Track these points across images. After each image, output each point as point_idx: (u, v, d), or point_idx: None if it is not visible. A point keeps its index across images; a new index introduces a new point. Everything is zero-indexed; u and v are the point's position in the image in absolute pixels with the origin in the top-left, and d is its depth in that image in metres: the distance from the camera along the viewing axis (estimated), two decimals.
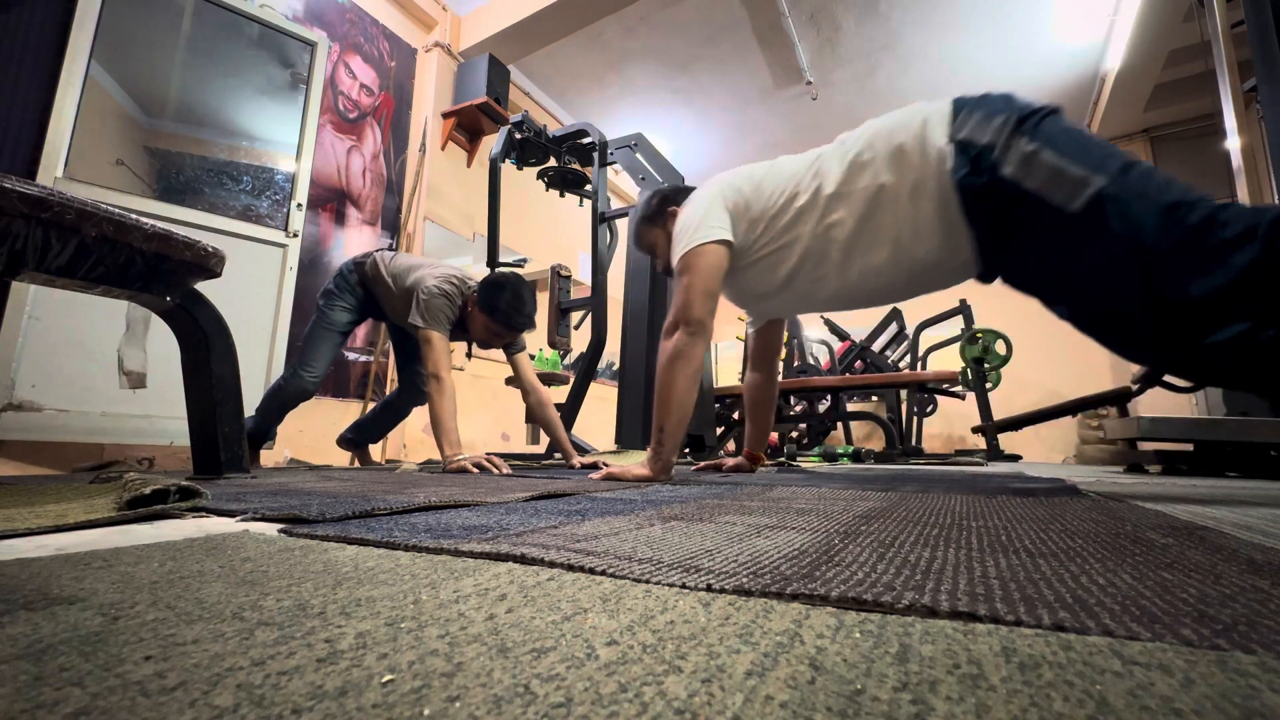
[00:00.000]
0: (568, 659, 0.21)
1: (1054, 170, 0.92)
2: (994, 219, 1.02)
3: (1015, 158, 0.96)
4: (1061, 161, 0.92)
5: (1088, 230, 0.89)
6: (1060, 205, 0.91)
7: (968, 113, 1.06)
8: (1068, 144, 0.94)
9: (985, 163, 0.99)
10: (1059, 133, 0.96)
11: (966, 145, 1.03)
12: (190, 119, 2.49)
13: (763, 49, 4.28)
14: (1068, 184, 0.90)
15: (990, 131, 1.00)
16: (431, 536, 0.47)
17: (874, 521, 0.59)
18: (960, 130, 1.04)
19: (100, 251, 0.96)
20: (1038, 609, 0.28)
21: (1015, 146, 0.97)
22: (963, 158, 1.02)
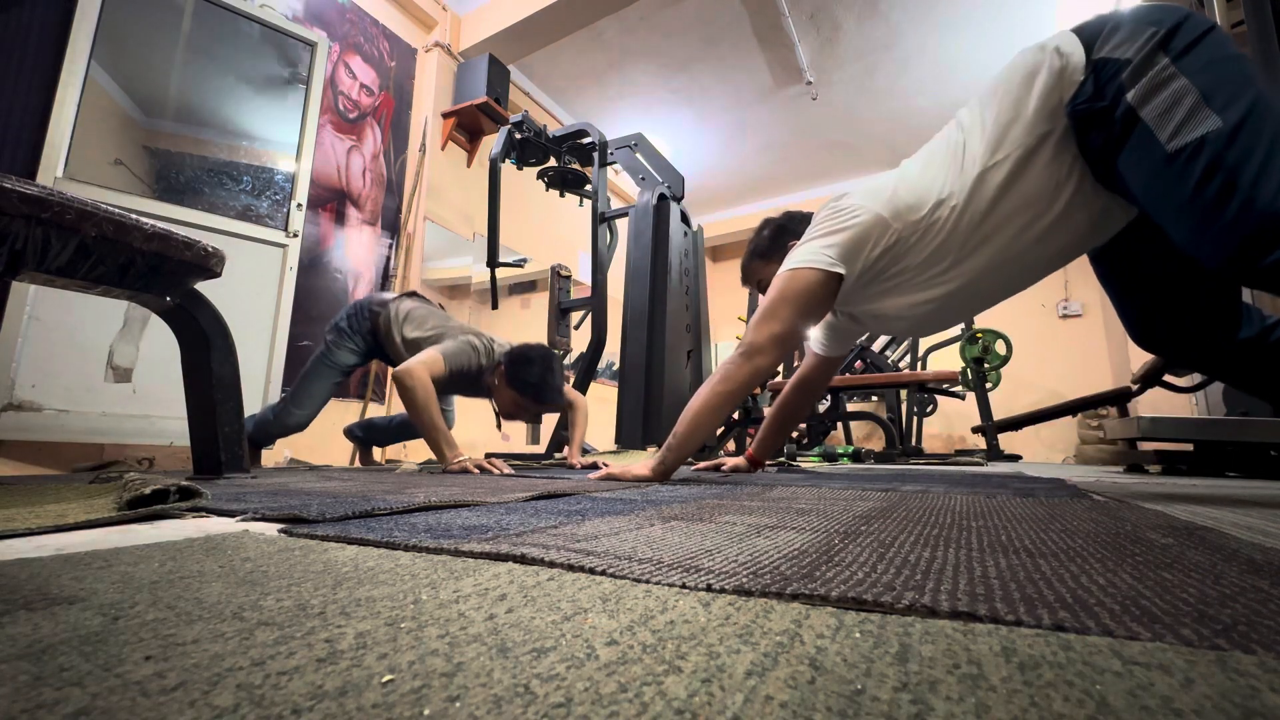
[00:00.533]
0: (568, 659, 0.21)
1: (1174, 100, 0.78)
2: (1099, 155, 0.88)
3: (1146, 79, 0.81)
4: (1189, 91, 0.78)
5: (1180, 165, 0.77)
6: (1163, 142, 0.78)
7: (1111, 29, 0.88)
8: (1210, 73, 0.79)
9: (1112, 84, 0.84)
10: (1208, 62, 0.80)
11: (1103, 65, 0.86)
12: (190, 119, 2.49)
13: (763, 49, 4.28)
14: (1180, 117, 0.78)
15: (1134, 46, 0.83)
16: (431, 536, 0.47)
17: (874, 521, 0.59)
18: (1102, 48, 0.87)
19: (100, 251, 0.96)
20: (1038, 609, 0.28)
21: (1152, 65, 0.81)
22: (1090, 81, 0.87)
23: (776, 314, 1.12)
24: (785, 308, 1.12)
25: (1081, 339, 5.43)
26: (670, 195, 2.59)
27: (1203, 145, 0.76)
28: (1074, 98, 0.89)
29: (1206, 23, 0.84)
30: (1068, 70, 0.90)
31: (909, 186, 1.07)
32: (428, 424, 1.55)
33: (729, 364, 1.17)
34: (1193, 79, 0.79)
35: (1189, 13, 0.85)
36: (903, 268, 1.10)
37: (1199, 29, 0.83)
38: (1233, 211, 0.74)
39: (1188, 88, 0.79)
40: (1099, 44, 0.88)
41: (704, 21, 4.02)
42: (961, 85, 4.64)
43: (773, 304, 1.13)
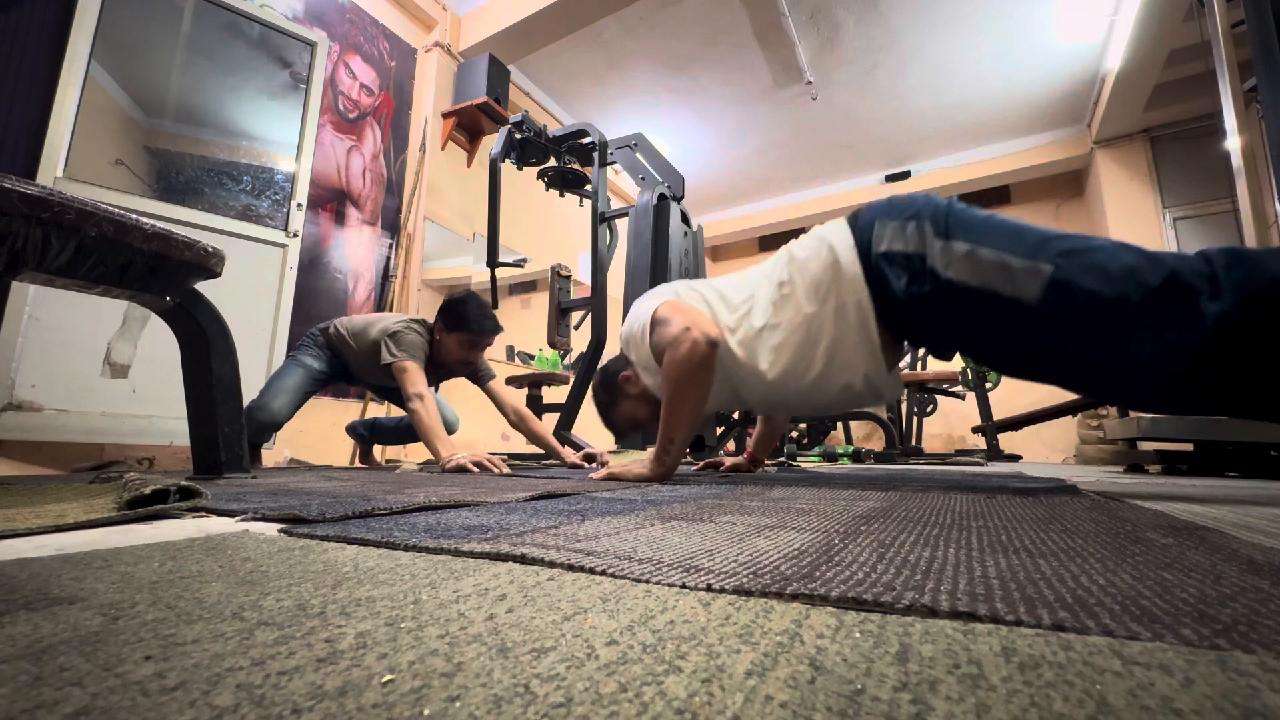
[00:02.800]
0: (568, 659, 0.21)
1: (998, 264, 0.92)
2: (946, 320, 1.02)
3: (953, 259, 0.96)
4: (1002, 254, 0.92)
5: (1052, 315, 0.89)
6: (1016, 298, 0.91)
7: (880, 224, 1.06)
8: (996, 235, 0.95)
9: (923, 270, 0.99)
10: (979, 224, 0.98)
11: (893, 257, 1.04)
12: (190, 119, 2.49)
13: (763, 49, 4.28)
14: (1017, 276, 0.90)
15: (914, 239, 1.01)
16: (431, 536, 0.47)
17: (874, 521, 0.59)
18: (880, 244, 1.05)
19: (100, 251, 0.96)
20: (1038, 609, 0.28)
21: (950, 248, 0.97)
22: (897, 270, 1.03)
23: (695, 312, 1.25)
24: (690, 311, 1.25)
25: None
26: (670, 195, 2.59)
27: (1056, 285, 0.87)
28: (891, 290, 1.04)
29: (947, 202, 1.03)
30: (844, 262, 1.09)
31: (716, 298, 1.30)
32: (433, 429, 1.65)
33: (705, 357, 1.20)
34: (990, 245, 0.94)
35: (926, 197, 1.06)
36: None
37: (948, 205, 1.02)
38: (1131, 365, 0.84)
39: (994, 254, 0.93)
40: (874, 240, 1.06)
41: (704, 21, 4.02)
42: (961, 85, 4.64)
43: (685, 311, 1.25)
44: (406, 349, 1.80)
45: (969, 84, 4.62)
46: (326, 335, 2.04)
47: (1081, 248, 0.88)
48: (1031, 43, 4.16)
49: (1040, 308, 0.88)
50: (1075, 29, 4.01)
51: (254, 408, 1.87)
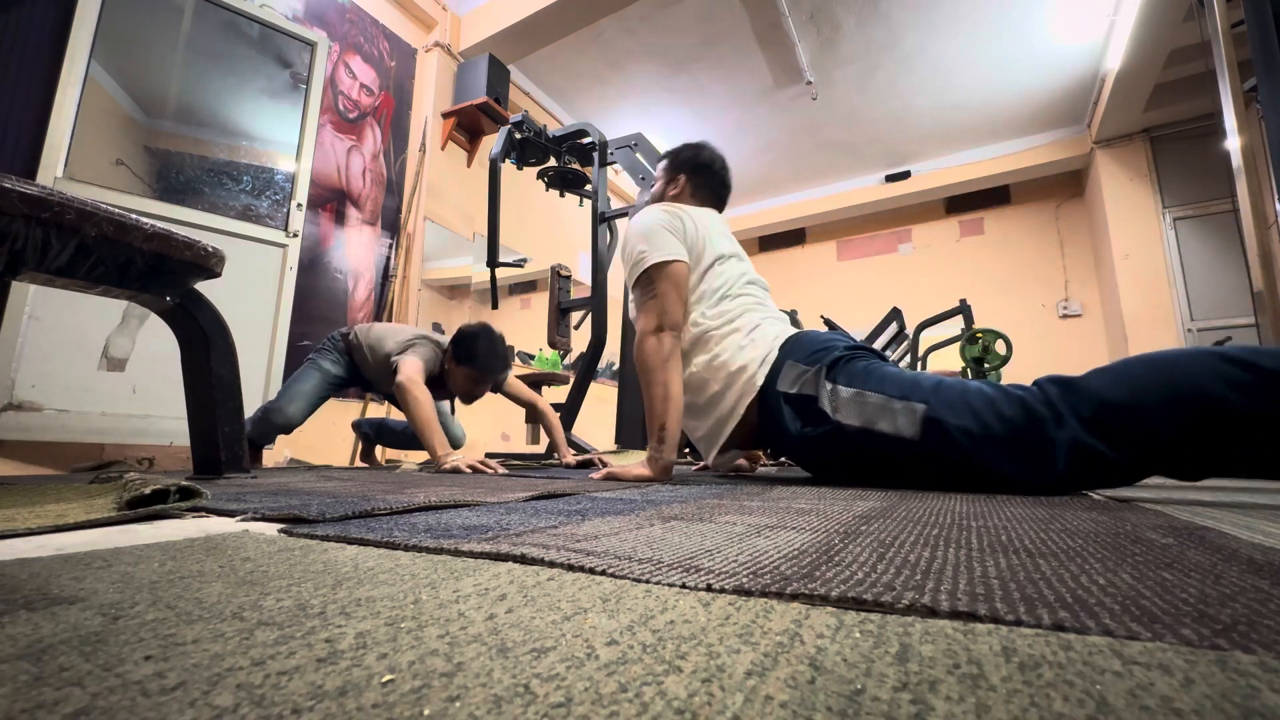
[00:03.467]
0: (568, 659, 0.21)
1: (879, 406, 1.06)
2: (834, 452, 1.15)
3: (841, 404, 1.10)
4: (881, 398, 1.06)
5: (929, 447, 1.01)
6: (897, 434, 1.03)
7: (791, 363, 1.20)
8: (877, 380, 1.09)
9: (816, 412, 1.13)
10: (864, 372, 1.12)
11: (791, 399, 1.17)
12: (190, 119, 2.49)
13: (763, 49, 4.28)
14: (898, 415, 1.04)
15: (809, 384, 1.15)
16: (431, 536, 0.47)
17: (874, 521, 0.59)
18: (782, 382, 1.19)
19: (100, 251, 0.96)
20: (1038, 609, 0.28)
21: (837, 394, 1.11)
22: (791, 410, 1.17)
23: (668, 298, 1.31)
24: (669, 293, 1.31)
25: (1081, 339, 5.44)
26: None
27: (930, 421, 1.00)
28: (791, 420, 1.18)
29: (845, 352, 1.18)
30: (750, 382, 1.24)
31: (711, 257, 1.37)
32: (429, 425, 1.62)
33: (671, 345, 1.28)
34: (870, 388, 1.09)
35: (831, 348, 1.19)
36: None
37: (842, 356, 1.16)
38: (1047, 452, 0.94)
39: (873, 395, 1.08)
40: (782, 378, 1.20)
41: (704, 21, 4.02)
42: (961, 85, 4.64)
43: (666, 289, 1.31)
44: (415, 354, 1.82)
45: (969, 84, 4.62)
46: (346, 340, 2.05)
47: (945, 389, 1.02)
48: (1031, 43, 4.17)
49: (918, 440, 1.01)
50: (1075, 29, 4.01)
51: (270, 410, 1.87)
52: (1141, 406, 0.85)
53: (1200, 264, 4.44)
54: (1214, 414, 0.80)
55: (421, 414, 1.64)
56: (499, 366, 1.91)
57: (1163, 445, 0.85)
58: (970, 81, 4.58)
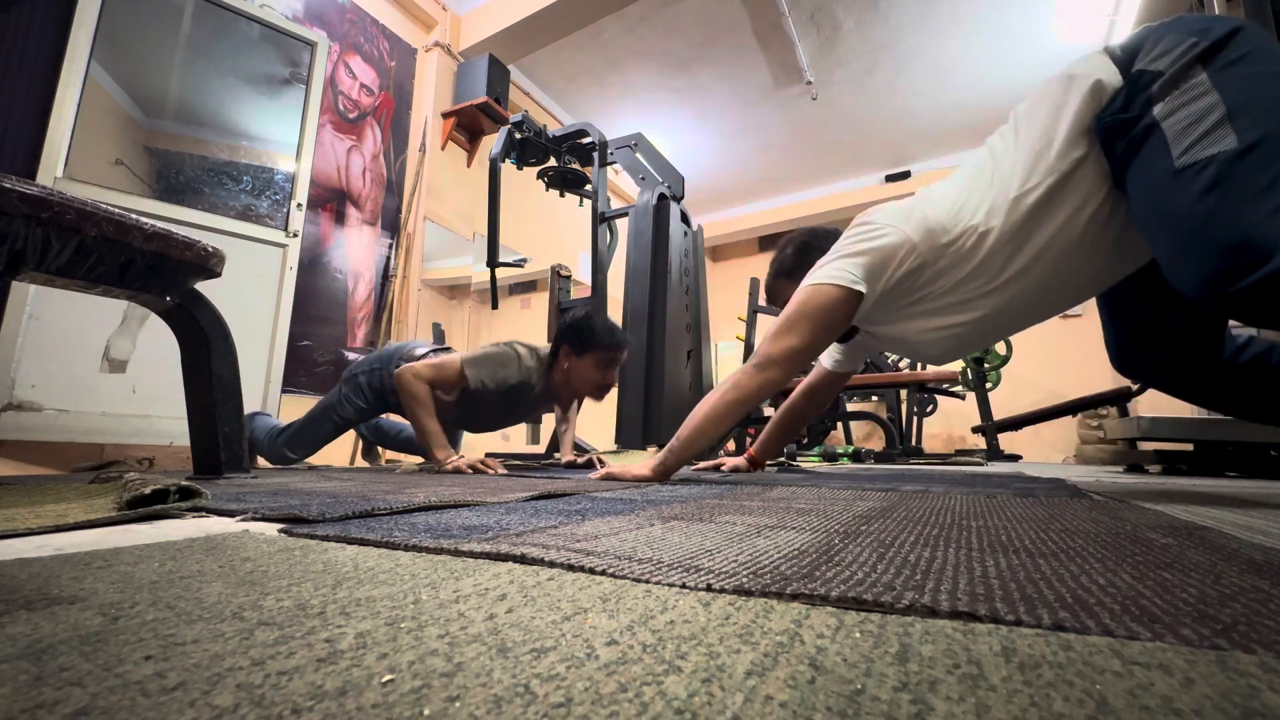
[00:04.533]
0: (568, 659, 0.21)
1: (1199, 115, 0.74)
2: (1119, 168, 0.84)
3: (1177, 93, 0.76)
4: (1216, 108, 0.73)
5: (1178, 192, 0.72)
6: (1174, 156, 0.74)
7: (1155, 40, 0.83)
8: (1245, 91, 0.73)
9: (1141, 96, 0.79)
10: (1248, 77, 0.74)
11: (1138, 77, 0.81)
12: (190, 119, 2.49)
13: (763, 48, 4.28)
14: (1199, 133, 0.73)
15: (1170, 57, 0.79)
16: (431, 536, 0.47)
17: (874, 521, 0.59)
18: (1141, 60, 0.82)
19: (100, 251, 0.96)
20: (1037, 609, 0.28)
21: (1186, 78, 0.76)
22: (1123, 93, 0.82)
23: (795, 329, 1.09)
24: (804, 324, 1.09)
25: (1081, 339, 5.43)
26: (670, 195, 2.59)
27: (1209, 164, 0.71)
28: (1103, 110, 0.84)
29: (1260, 37, 0.77)
30: (1100, 91, 0.85)
31: (937, 209, 1.03)
32: (427, 426, 1.58)
33: (741, 374, 1.14)
34: (1224, 95, 0.73)
35: (1240, 24, 0.78)
36: (927, 292, 1.05)
37: (1249, 44, 0.76)
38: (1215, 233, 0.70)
39: (1216, 104, 0.73)
40: (1140, 57, 0.82)
41: (704, 21, 4.02)
42: (961, 85, 4.64)
43: (790, 319, 1.09)
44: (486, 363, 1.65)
45: (969, 84, 4.62)
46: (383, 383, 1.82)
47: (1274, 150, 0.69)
48: (1032, 43, 4.16)
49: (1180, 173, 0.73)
50: (1075, 29, 4.01)
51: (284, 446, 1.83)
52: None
53: None
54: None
55: (420, 413, 1.57)
56: (623, 339, 1.78)
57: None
58: (970, 81, 4.58)
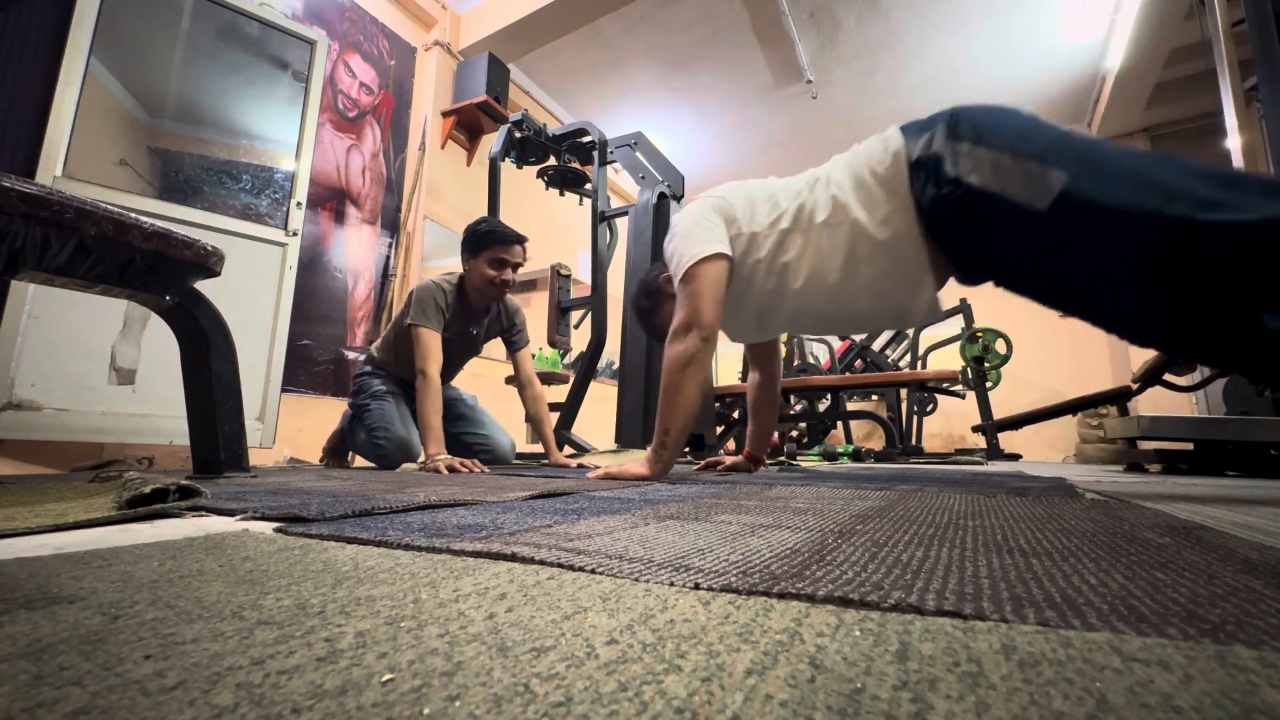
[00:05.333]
0: (567, 658, 0.21)
1: (1011, 168, 0.88)
2: (970, 229, 0.99)
3: (967, 161, 0.94)
4: (1012, 157, 0.88)
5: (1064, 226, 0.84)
6: (1026, 204, 0.86)
7: (916, 133, 1.05)
8: (1010, 135, 0.90)
9: (945, 175, 0.97)
10: (996, 124, 0.93)
11: (922, 164, 1.02)
12: (190, 118, 2.49)
13: (763, 47, 4.28)
14: (1029, 180, 0.86)
15: (935, 142, 0.99)
16: (425, 535, 0.47)
17: (870, 521, 0.59)
18: (915, 152, 1.03)
19: (99, 250, 0.96)
20: (1024, 608, 0.28)
21: (960, 150, 0.95)
22: (922, 176, 1.02)
23: (709, 299, 1.23)
24: (703, 293, 1.23)
25: (1081, 338, 5.43)
26: (670, 194, 2.59)
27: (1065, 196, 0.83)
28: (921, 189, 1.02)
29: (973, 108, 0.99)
30: (898, 163, 1.05)
31: (763, 199, 1.25)
32: (428, 420, 1.63)
33: (694, 348, 1.22)
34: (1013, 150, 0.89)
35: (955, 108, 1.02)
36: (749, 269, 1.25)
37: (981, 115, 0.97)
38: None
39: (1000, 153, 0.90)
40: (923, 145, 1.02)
41: (704, 20, 4.02)
42: (962, 84, 4.63)
43: (699, 293, 1.23)
44: (417, 305, 1.78)
45: (969, 83, 4.62)
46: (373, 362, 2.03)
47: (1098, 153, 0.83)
48: (1032, 42, 4.16)
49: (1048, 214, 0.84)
50: (1076, 28, 4.01)
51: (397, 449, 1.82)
52: None
53: None
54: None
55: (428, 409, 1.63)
56: (512, 234, 1.84)
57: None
58: (971, 80, 4.58)
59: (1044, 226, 0.85)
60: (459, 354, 2.02)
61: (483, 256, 1.85)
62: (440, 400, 1.68)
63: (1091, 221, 0.81)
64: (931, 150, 0.99)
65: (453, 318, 1.88)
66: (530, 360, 2.07)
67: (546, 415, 2.03)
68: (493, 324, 2.04)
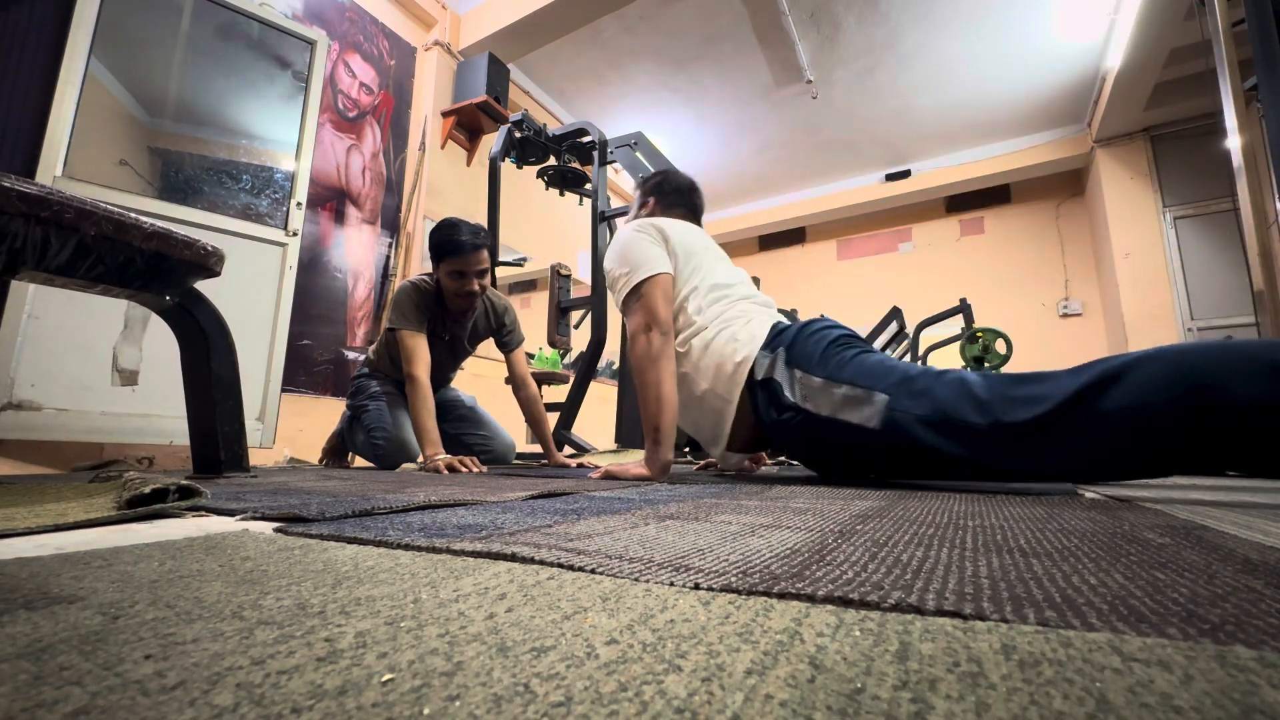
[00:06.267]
0: (567, 658, 0.21)
1: (845, 397, 1.05)
2: (814, 445, 1.14)
3: (802, 389, 1.11)
4: (847, 388, 1.05)
5: (895, 438, 0.99)
6: (860, 424, 1.02)
7: (764, 351, 1.20)
8: (854, 368, 1.07)
9: (785, 400, 1.12)
10: (838, 359, 1.10)
11: (762, 385, 1.18)
12: (190, 118, 2.49)
13: (763, 48, 4.28)
14: (862, 405, 1.03)
15: (776, 368, 1.15)
16: (425, 535, 0.47)
17: (870, 521, 0.59)
18: (760, 369, 1.19)
19: (100, 250, 0.96)
20: (1024, 608, 0.28)
21: (796, 378, 1.12)
22: (765, 395, 1.17)
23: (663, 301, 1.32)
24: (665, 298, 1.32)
25: (1081, 338, 5.44)
26: None
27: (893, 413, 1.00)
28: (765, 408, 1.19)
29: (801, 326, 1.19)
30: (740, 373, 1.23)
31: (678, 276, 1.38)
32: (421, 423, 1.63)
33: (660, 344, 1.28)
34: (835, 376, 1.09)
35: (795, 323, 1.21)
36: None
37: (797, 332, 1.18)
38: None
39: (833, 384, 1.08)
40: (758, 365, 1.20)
41: (704, 20, 4.02)
42: (961, 84, 4.63)
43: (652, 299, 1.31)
44: (395, 309, 1.76)
45: (969, 83, 4.62)
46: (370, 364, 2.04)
47: (915, 378, 1.00)
48: (1032, 42, 4.16)
49: (883, 432, 1.00)
50: (1075, 28, 4.01)
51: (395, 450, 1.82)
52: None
53: (1200, 263, 4.44)
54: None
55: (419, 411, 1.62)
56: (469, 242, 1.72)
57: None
58: (970, 80, 4.58)
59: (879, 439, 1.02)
60: (448, 356, 2.00)
61: (441, 269, 1.78)
62: (431, 402, 1.66)
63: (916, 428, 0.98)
64: (774, 375, 1.15)
65: (436, 320, 1.86)
66: (525, 360, 2.04)
67: (543, 416, 2.00)
68: (480, 325, 2.00)
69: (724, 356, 1.26)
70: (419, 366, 1.68)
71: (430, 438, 1.60)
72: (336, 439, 2.18)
